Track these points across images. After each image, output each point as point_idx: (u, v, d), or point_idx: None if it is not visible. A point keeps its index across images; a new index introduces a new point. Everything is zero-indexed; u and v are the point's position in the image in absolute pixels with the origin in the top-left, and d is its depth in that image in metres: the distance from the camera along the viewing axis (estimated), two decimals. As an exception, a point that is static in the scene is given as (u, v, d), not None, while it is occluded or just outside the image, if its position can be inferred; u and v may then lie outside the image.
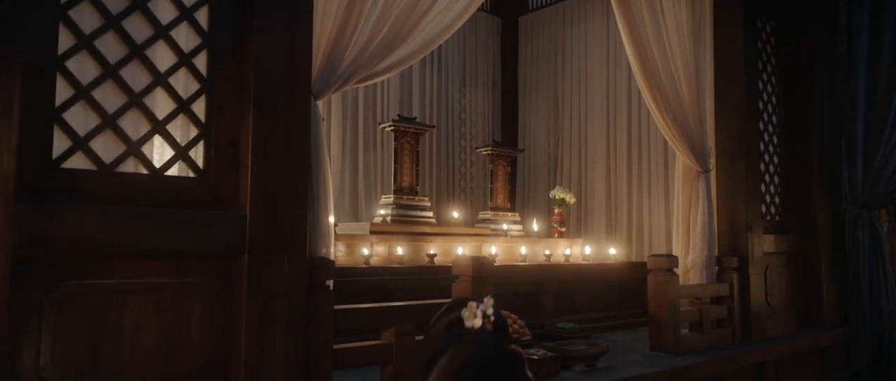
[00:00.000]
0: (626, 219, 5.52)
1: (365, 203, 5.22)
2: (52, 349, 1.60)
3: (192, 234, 1.82)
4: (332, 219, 2.49)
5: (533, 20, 6.77)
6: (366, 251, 3.47)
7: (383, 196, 4.55)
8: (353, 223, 4.33)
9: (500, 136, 6.44)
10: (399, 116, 4.80)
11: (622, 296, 4.35)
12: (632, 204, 5.53)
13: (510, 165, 5.33)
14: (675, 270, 3.48)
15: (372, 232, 3.71)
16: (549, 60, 6.50)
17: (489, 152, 5.18)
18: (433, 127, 5.36)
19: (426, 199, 4.59)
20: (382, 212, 4.31)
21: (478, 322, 0.99)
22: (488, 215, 5.02)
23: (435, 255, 3.74)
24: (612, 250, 4.82)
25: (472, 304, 1.00)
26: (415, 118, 4.92)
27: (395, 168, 4.37)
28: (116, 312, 1.70)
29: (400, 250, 3.66)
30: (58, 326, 1.62)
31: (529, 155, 6.32)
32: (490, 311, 1.01)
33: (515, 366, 0.99)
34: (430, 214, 4.49)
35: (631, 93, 5.64)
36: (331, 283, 2.14)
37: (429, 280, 3.25)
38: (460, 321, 1.01)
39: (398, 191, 4.35)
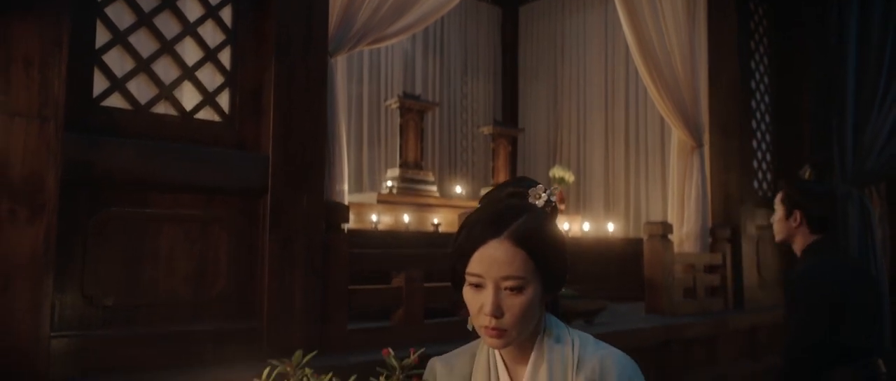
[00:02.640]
0: (623, 200, 5.67)
1: (368, 182, 5.36)
2: (95, 268, 1.75)
3: (219, 172, 1.96)
4: (345, 186, 2.64)
5: (533, 10, 6.93)
6: (374, 218, 3.61)
7: (389, 169, 4.70)
8: (361, 194, 4.47)
9: (501, 120, 6.60)
10: (404, 92, 4.95)
11: (620, 270, 4.49)
12: (629, 185, 5.69)
13: (511, 145, 5.49)
14: (669, 236, 3.62)
15: (379, 201, 3.85)
16: (548, 49, 6.66)
17: (491, 131, 5.33)
18: (437, 104, 5.51)
19: (430, 173, 4.73)
20: (389, 183, 4.46)
21: (541, 203, 1.16)
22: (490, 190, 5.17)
23: (439, 224, 3.89)
24: (611, 227, 4.97)
25: (540, 186, 1.17)
26: (419, 96, 5.06)
27: (400, 143, 4.52)
28: (152, 239, 1.85)
29: (406, 218, 3.80)
30: (99, 248, 1.76)
31: (529, 139, 6.48)
32: (554, 198, 1.18)
33: (564, 246, 1.17)
34: (434, 188, 4.64)
35: (628, 80, 5.80)
36: (346, 227, 2.28)
37: (434, 244, 3.39)
38: (523, 195, 1.17)
39: (404, 165, 4.49)
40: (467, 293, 1.14)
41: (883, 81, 4.63)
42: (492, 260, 1.09)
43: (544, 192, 1.19)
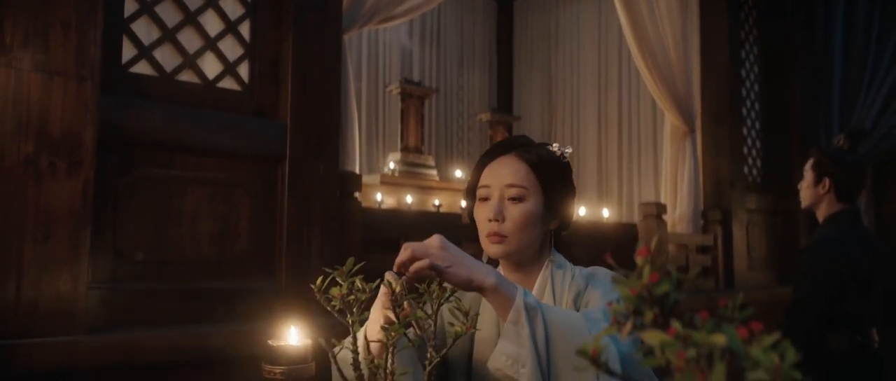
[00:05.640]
0: (616, 186, 5.80)
1: (367, 168, 5.45)
2: (126, 225, 1.83)
3: (241, 137, 2.05)
4: (356, 168, 2.74)
5: (527, 4, 7.03)
6: (378, 197, 3.71)
7: (391, 153, 4.80)
8: (364, 176, 4.57)
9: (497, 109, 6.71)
10: (405, 79, 5.05)
11: (614, 253, 4.60)
12: (622, 173, 5.82)
13: (508, 132, 5.60)
14: (663, 216, 3.75)
15: (382, 183, 3.95)
16: (543, 42, 6.76)
17: (488, 119, 5.44)
18: (436, 90, 5.62)
19: (430, 158, 4.84)
20: (391, 166, 4.56)
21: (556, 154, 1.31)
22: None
23: (440, 205, 3.99)
24: (606, 212, 5.09)
25: (556, 144, 1.33)
26: (420, 82, 5.17)
27: (401, 128, 4.62)
28: (178, 199, 1.93)
29: (409, 199, 3.90)
30: (130, 206, 1.84)
31: (524, 128, 6.58)
32: (567, 154, 1.32)
33: (569, 173, 1.32)
34: (434, 172, 4.74)
35: (621, 71, 5.92)
36: (359, 194, 2.37)
37: (436, 222, 3.49)
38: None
39: (405, 149, 4.59)
40: (477, 210, 1.26)
41: (868, 71, 4.79)
42: (498, 171, 1.24)
43: (559, 148, 1.31)
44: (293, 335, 1.04)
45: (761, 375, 0.49)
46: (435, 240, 1.07)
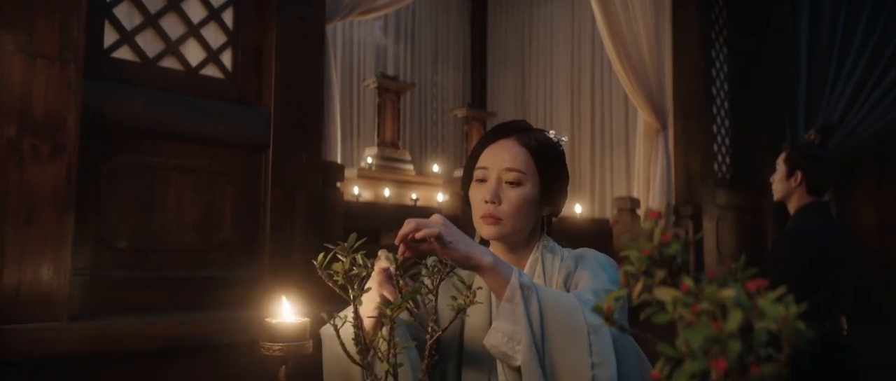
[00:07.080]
0: (588, 183, 5.88)
1: (343, 161, 5.44)
2: (108, 212, 1.81)
3: (225, 125, 2.04)
4: (338, 160, 2.74)
5: (501, 1, 7.08)
6: (356, 191, 3.71)
7: (367, 148, 4.80)
8: (342, 170, 4.57)
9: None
10: (382, 73, 5.04)
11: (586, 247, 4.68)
12: (594, 170, 5.90)
13: (483, 128, 5.64)
14: (637, 211, 3.82)
15: (359, 177, 3.95)
16: (516, 39, 6.82)
17: (464, 114, 5.47)
18: (413, 85, 5.63)
19: (407, 153, 4.84)
20: (369, 160, 4.56)
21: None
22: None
23: (418, 199, 4.01)
24: (578, 207, 5.16)
25: (552, 132, 1.35)
26: (397, 77, 5.17)
27: (378, 122, 4.62)
28: (161, 186, 1.91)
29: (387, 193, 3.91)
30: (113, 193, 1.82)
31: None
32: (563, 142, 1.34)
33: (564, 161, 1.34)
34: (411, 167, 4.75)
35: (594, 70, 6.00)
36: (340, 185, 2.38)
37: (415, 217, 3.50)
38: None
39: (382, 144, 4.59)
40: (473, 190, 1.28)
41: (832, 72, 4.94)
42: (498, 154, 1.25)
43: (555, 135, 1.34)
44: (288, 312, 1.04)
45: (769, 324, 0.52)
46: (437, 217, 1.09)
